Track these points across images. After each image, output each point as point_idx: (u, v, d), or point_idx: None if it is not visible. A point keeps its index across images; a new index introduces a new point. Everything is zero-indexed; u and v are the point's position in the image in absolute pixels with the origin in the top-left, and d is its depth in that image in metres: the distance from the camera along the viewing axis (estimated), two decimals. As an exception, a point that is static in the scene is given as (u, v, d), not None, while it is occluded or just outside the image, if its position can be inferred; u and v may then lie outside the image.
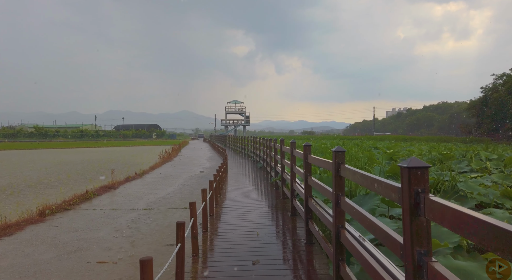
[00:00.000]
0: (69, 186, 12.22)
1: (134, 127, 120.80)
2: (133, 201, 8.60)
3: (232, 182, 11.47)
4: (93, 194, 9.08)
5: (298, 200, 6.79)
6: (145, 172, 14.86)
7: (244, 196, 8.84)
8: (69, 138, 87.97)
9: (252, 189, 9.91)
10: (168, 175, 14.22)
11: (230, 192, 9.51)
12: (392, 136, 66.80)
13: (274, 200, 8.33)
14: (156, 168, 17.21)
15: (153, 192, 10.09)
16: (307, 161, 5.15)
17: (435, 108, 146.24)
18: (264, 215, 6.87)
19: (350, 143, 31.49)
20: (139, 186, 11.14)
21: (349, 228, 3.41)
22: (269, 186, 10.61)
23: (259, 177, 12.84)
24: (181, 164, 19.69)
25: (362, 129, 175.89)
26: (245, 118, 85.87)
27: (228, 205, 7.80)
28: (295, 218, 6.53)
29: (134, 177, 12.94)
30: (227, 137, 42.37)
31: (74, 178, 14.36)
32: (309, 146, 5.23)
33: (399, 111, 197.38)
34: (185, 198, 9.03)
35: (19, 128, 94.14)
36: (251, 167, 16.76)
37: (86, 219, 6.66)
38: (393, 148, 23.37)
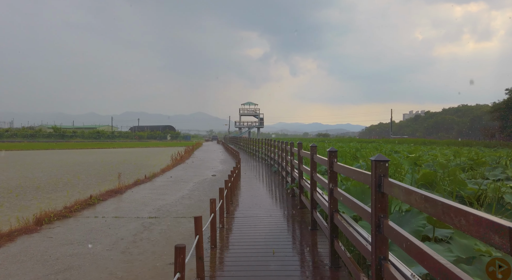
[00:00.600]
0: (77, 188, 11.79)
1: (149, 128, 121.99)
2: (139, 208, 8.00)
3: (245, 187, 10.78)
4: (97, 199, 8.54)
5: (319, 211, 6.03)
6: (155, 175, 14.33)
7: (258, 204, 8.13)
8: (86, 139, 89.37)
9: (267, 196, 9.19)
10: (178, 179, 13.64)
11: (243, 199, 8.82)
12: (411, 140, 64.84)
13: (290, 209, 7.59)
14: (167, 170, 16.70)
15: (161, 197, 9.49)
16: (332, 170, 4.39)
17: (454, 111, 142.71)
18: (281, 228, 6.13)
19: (367, 146, 30.37)
20: (147, 191, 10.57)
21: (396, 261, 2.64)
22: (285, 192, 9.86)
23: (274, 182, 12.10)
24: (193, 167, 19.14)
25: (378, 132, 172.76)
26: (259, 120, 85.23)
27: (241, 214, 7.10)
28: (316, 232, 5.76)
29: (143, 181, 12.41)
30: (241, 139, 41.79)
31: (84, 180, 13.97)
32: (335, 152, 4.46)
33: (417, 114, 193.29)
34: (194, 205, 8.38)
35: (38, 129, 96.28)
36: (265, 171, 16.03)
37: (85, 229, 6.09)
38: (414, 152, 22.23)
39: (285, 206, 7.99)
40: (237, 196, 9.09)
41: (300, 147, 7.82)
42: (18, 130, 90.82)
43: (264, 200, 8.69)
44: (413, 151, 24.79)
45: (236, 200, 8.60)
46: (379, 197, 2.68)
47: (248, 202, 8.43)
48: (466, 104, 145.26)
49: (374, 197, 2.71)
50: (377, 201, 2.69)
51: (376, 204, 2.68)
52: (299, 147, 7.84)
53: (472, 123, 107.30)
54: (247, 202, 8.36)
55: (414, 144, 52.19)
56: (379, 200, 2.69)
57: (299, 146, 7.89)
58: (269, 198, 8.97)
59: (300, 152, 7.70)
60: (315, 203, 5.98)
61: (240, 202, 8.33)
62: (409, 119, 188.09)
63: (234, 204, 8.17)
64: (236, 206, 7.93)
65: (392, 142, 58.25)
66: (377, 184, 2.67)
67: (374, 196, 2.71)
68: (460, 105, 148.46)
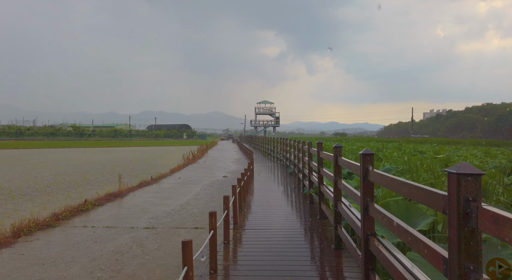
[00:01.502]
0: (79, 190, 11.07)
1: (166, 127, 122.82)
2: (136, 215, 7.09)
3: (258, 191, 9.75)
4: (92, 204, 7.68)
5: (344, 225, 4.93)
6: (163, 176, 13.49)
7: (272, 212, 7.09)
8: (104, 137, 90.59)
9: (282, 202, 8.13)
10: (187, 180, 12.74)
11: (255, 205, 7.80)
12: (434, 139, 62.24)
13: (308, 219, 6.50)
14: (177, 171, 15.86)
15: (163, 202, 8.57)
16: (367, 179, 3.26)
17: (478, 110, 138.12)
18: (298, 246, 5.06)
19: (388, 146, 28.76)
20: (151, 194, 9.69)
21: None
22: (302, 197, 8.77)
23: (289, 186, 11.02)
24: (205, 167, 18.25)
25: (397, 131, 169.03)
26: (275, 119, 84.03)
27: (251, 225, 6.07)
28: (340, 253, 4.67)
29: (148, 182, 11.56)
30: (256, 138, 40.75)
31: (89, 181, 13.29)
32: (371, 156, 3.33)
33: (438, 113, 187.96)
34: (196, 214, 7.41)
35: (59, 128, 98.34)
36: (280, 172, 14.96)
37: (67, 243, 5.21)
38: (440, 152, 20.65)
39: (303, 216, 6.92)
40: (248, 202, 8.07)
41: (320, 147, 6.72)
42: (39, 129, 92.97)
43: (279, 207, 7.64)
44: (439, 151, 23.16)
45: (247, 207, 7.59)
46: (467, 238, 1.58)
47: (260, 210, 7.40)
48: (491, 103, 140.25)
49: (458, 239, 1.60)
50: (462, 241, 1.59)
51: (463, 247, 1.59)
52: (319, 147, 6.74)
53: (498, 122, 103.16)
54: (260, 210, 7.34)
55: (438, 143, 49.95)
56: (465, 241, 1.59)
57: (318, 146, 6.79)
58: (284, 205, 7.91)
59: (320, 153, 6.61)
60: (339, 216, 4.89)
61: (252, 210, 7.32)
62: (430, 118, 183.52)
63: (244, 211, 7.18)
64: (246, 214, 6.92)
65: (414, 142, 56.02)
66: (463, 214, 1.58)
67: (457, 233, 1.61)
68: (485, 103, 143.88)
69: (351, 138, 77.96)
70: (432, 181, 6.35)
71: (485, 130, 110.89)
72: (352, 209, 4.39)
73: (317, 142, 6.88)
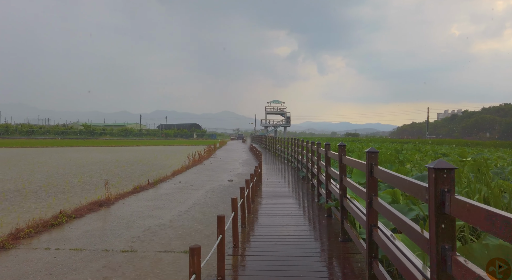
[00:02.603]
0: (68, 195, 9.97)
1: (176, 126, 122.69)
2: (117, 232, 5.85)
3: (266, 200, 8.45)
4: (67, 216, 6.46)
5: (382, 258, 3.58)
6: (162, 180, 12.27)
7: (282, 229, 5.80)
8: (114, 136, 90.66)
9: (294, 216, 6.81)
10: (188, 185, 11.50)
11: (262, 218, 6.52)
12: (451, 141, 59.87)
13: (326, 242, 5.17)
14: (179, 173, 14.65)
15: (154, 213, 7.32)
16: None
17: (496, 110, 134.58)
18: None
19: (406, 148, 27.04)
20: (143, 202, 8.46)
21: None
22: (317, 209, 7.45)
23: (302, 192, 9.69)
24: (210, 169, 17.01)
25: (411, 132, 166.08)
26: (285, 119, 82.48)
27: (253, 251, 4.76)
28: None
29: (144, 187, 10.35)
30: (266, 138, 39.37)
31: (84, 183, 12.20)
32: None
33: (454, 114, 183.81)
34: (190, 230, 6.13)
35: (70, 126, 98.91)
36: (291, 176, 13.62)
37: (11, 277, 4.00)
38: (463, 155, 18.97)
39: (318, 235, 5.58)
40: (254, 213, 6.79)
41: (343, 151, 5.36)
42: (51, 128, 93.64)
43: (291, 221, 6.32)
44: (462, 153, 21.50)
45: (254, 220, 6.31)
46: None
47: (268, 224, 6.11)
48: (509, 103, 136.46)
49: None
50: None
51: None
52: (341, 151, 5.38)
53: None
54: (267, 225, 6.05)
55: (456, 144, 47.89)
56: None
57: (340, 149, 5.43)
58: (298, 218, 6.59)
59: (343, 158, 5.25)
60: (374, 247, 3.52)
61: (258, 224, 6.04)
62: (444, 119, 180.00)
63: (250, 224, 5.91)
64: (251, 230, 5.65)
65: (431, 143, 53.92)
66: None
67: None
68: (502, 104, 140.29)
69: (364, 139, 75.80)
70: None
71: (503, 131, 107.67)
72: (393, 238, 3.02)
73: (339, 144, 5.52)
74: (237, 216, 4.79)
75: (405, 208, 4.45)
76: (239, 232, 5.29)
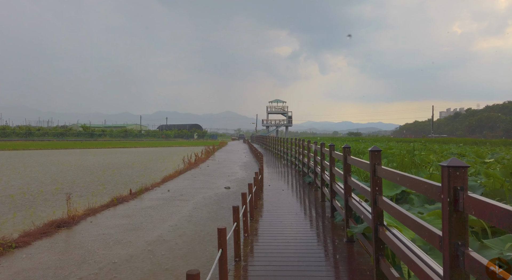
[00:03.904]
0: (36, 208, 8.46)
1: (177, 127, 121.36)
2: (64, 272, 4.31)
3: (267, 214, 6.93)
4: (1, 247, 4.92)
5: None
6: (148, 188, 10.71)
7: (288, 255, 4.27)
8: (114, 137, 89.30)
9: (302, 235, 5.28)
10: (177, 194, 9.95)
11: (263, 236, 5.00)
12: (458, 139, 58.17)
13: (346, 270, 3.64)
14: (170, 179, 13.11)
15: (127, 237, 5.77)
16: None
17: (500, 108, 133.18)
18: None
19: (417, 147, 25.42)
20: (117, 220, 6.90)
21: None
22: (330, 228, 5.94)
23: (310, 204, 8.16)
24: (206, 173, 15.45)
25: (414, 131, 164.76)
26: (287, 119, 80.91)
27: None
28: None
29: (123, 199, 8.78)
30: (268, 139, 37.79)
31: (61, 192, 10.70)
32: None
33: (456, 112, 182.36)
34: (168, 266, 4.58)
35: (69, 128, 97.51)
36: (295, 181, 12.09)
37: None
38: (482, 155, 17.39)
39: (340, 263, 4.05)
40: (253, 234, 5.27)
41: (377, 158, 3.76)
42: (49, 130, 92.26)
43: (298, 243, 4.79)
44: (477, 152, 19.92)
45: (253, 240, 4.78)
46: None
47: (270, 245, 4.59)
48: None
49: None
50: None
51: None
52: (375, 159, 3.79)
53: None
54: (269, 246, 4.52)
55: (464, 143, 46.34)
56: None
57: (374, 156, 3.84)
58: (307, 239, 5.06)
59: (377, 169, 3.67)
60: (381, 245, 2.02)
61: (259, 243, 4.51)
62: (447, 118, 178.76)
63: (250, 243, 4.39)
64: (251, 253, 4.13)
65: (436, 141, 52.32)
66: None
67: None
68: (506, 102, 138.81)
69: (367, 138, 74.09)
70: None
71: (507, 129, 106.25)
72: None
73: (371, 149, 3.95)
74: (226, 258, 3.25)
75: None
76: (231, 269, 3.78)
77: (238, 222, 4.50)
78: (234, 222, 4.51)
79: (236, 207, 4.54)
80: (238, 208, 4.50)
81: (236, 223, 4.51)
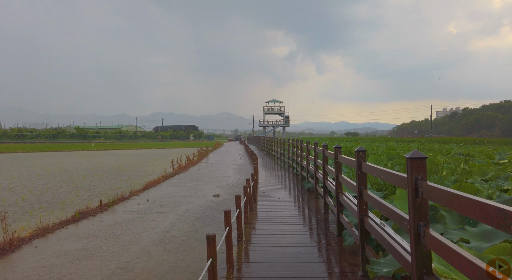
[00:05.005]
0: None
1: (173, 128, 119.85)
2: None
3: (260, 226, 5.67)
4: None
5: None
6: (126, 197, 9.31)
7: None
8: (108, 139, 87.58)
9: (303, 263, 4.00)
10: (156, 205, 8.58)
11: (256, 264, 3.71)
12: (457, 139, 57.18)
13: None
14: (153, 185, 11.75)
15: (73, 271, 4.40)
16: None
17: (496, 108, 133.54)
18: None
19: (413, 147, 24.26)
20: (70, 243, 5.52)
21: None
22: (335, 243, 4.67)
23: (310, 215, 6.88)
24: (195, 178, 14.10)
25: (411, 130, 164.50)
26: (284, 119, 79.69)
27: None
28: None
29: (88, 213, 7.37)
30: (264, 139, 36.48)
31: (28, 202, 9.34)
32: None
33: (453, 111, 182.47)
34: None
35: (62, 130, 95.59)
36: (293, 187, 10.81)
37: None
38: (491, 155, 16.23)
39: None
40: (245, 260, 3.99)
41: (421, 167, 2.47)
42: (42, 131, 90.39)
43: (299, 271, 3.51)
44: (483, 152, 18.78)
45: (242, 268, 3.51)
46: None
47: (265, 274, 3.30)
48: (509, 100, 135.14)
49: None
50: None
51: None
52: (418, 168, 2.52)
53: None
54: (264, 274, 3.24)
55: (464, 143, 45.37)
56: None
57: (417, 165, 2.56)
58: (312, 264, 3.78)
59: (423, 185, 2.38)
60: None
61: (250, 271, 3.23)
62: (444, 117, 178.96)
63: None
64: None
65: (436, 141, 51.31)
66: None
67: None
68: (503, 101, 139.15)
69: (365, 138, 72.89)
70: None
71: (504, 128, 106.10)
72: None
73: (409, 157, 2.67)
74: None
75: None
76: None
77: (214, 258, 3.20)
78: (209, 258, 3.21)
79: (211, 237, 3.24)
80: (215, 240, 3.20)
81: (212, 259, 3.21)
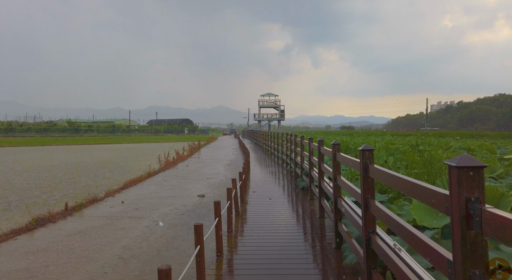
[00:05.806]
0: None
1: (167, 122, 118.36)
2: None
3: (249, 235, 4.79)
4: None
5: None
6: (99, 199, 8.35)
7: None
8: (101, 133, 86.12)
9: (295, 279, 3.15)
10: (131, 207, 7.63)
11: None
12: (453, 132, 56.75)
13: None
14: (134, 184, 10.80)
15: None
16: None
17: (491, 101, 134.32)
18: None
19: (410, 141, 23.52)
20: (12, 260, 4.51)
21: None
22: (333, 257, 3.84)
23: (303, 220, 6.02)
24: (181, 175, 13.16)
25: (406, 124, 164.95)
26: (279, 113, 78.72)
27: None
28: None
29: (48, 219, 6.37)
30: (259, 134, 35.57)
31: None
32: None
33: (448, 105, 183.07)
34: None
35: (54, 123, 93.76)
36: (286, 185, 9.95)
37: None
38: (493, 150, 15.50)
39: None
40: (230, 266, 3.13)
41: (476, 178, 1.59)
42: (33, 125, 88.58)
43: None
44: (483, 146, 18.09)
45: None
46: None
47: None
48: (504, 94, 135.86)
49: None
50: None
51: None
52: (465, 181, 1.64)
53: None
54: None
55: (460, 136, 44.86)
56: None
57: (472, 178, 1.67)
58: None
59: None
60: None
61: None
62: (439, 111, 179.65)
63: None
64: None
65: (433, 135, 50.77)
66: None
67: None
68: (497, 94, 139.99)
69: (361, 132, 72.25)
70: None
71: (499, 122, 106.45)
72: None
73: (457, 166, 1.77)
74: None
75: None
76: None
77: (202, 245, 2.31)
78: (197, 245, 2.32)
79: (199, 227, 2.34)
80: (202, 229, 2.30)
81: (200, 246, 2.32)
